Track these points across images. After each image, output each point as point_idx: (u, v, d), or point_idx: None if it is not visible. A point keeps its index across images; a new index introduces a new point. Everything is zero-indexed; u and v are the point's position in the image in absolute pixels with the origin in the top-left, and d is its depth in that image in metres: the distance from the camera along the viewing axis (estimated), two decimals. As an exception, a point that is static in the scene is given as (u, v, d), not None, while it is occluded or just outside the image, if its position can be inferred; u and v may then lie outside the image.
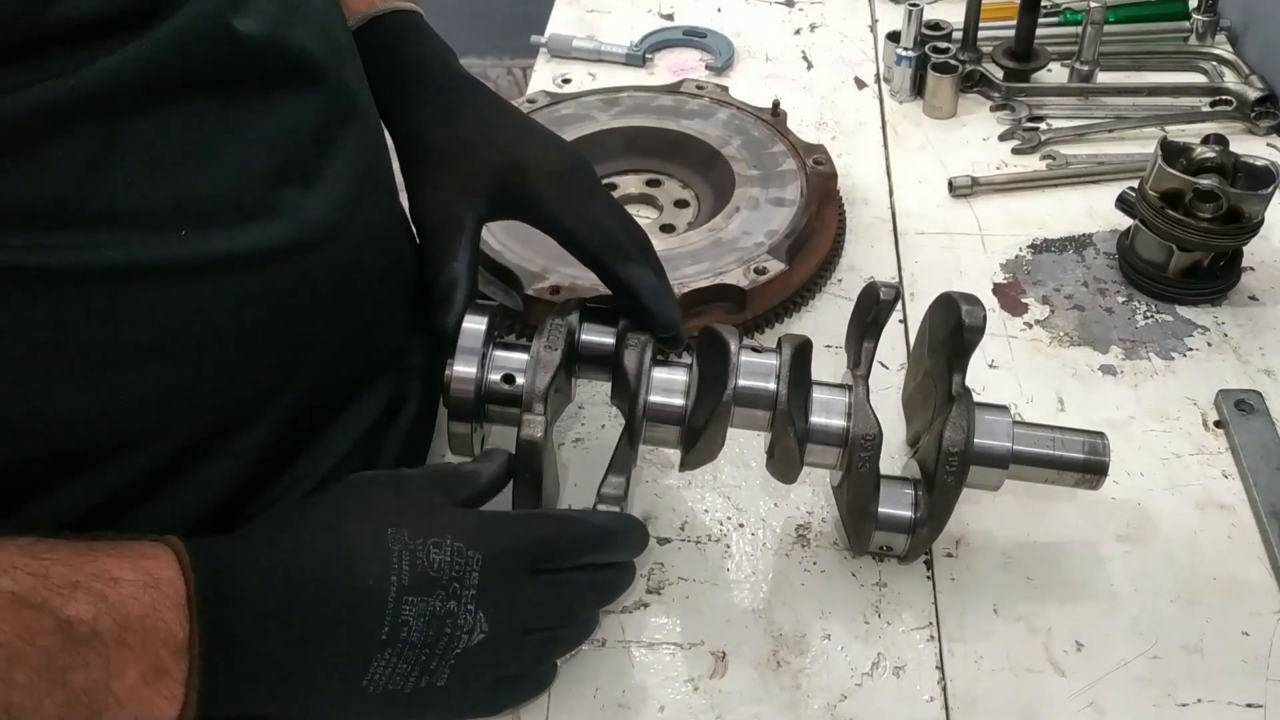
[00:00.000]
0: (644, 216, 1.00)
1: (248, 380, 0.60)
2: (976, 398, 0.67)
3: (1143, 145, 1.07)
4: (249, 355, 0.59)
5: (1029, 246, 0.97)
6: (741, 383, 0.66)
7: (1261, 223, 0.86)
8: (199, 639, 0.50)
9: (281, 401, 0.62)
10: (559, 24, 1.30)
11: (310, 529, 0.57)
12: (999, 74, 1.15)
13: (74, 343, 0.52)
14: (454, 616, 0.56)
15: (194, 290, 0.55)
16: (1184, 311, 0.90)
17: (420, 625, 0.55)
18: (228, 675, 0.52)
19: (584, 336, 0.70)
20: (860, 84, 1.19)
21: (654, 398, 0.67)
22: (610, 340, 0.69)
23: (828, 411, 0.67)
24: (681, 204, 1.01)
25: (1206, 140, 0.89)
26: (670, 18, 1.31)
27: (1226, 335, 0.87)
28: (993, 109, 1.13)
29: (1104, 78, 1.15)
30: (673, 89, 1.08)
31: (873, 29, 1.28)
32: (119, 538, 0.52)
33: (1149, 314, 0.90)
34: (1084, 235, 0.97)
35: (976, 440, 0.66)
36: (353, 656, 0.55)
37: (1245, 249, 0.91)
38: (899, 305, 0.91)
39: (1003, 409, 0.69)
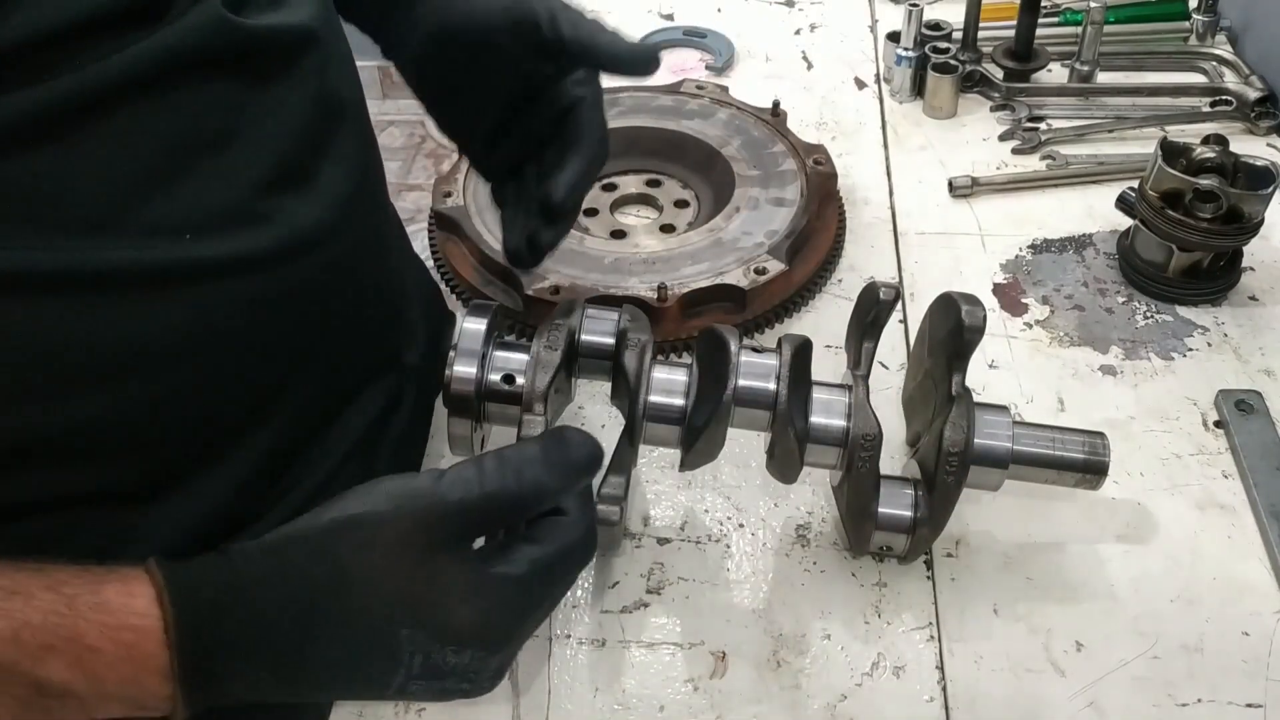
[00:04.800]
0: (644, 216, 1.01)
1: (246, 385, 0.60)
2: (976, 398, 0.67)
3: (1143, 145, 1.06)
4: (247, 360, 0.59)
5: (1029, 246, 0.97)
6: (741, 383, 0.66)
7: (1261, 223, 0.86)
8: (183, 704, 0.49)
9: (280, 405, 0.62)
10: (559, 24, 1.30)
11: (308, 616, 0.51)
12: (999, 74, 1.15)
13: (73, 349, 0.52)
14: (468, 682, 0.54)
15: (192, 296, 0.55)
16: (1184, 311, 0.89)
17: (429, 691, 0.53)
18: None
19: (584, 336, 0.70)
20: (860, 84, 1.19)
21: (654, 398, 0.67)
22: (610, 340, 0.69)
23: (828, 411, 0.67)
24: (681, 204, 1.00)
25: (1206, 140, 0.89)
26: (670, 18, 1.31)
27: (1226, 335, 0.87)
28: (993, 109, 1.13)
29: (1104, 78, 1.15)
30: (673, 89, 1.08)
31: (873, 29, 1.28)
32: (103, 576, 0.49)
33: (1149, 314, 0.90)
34: (1084, 235, 0.97)
35: (976, 440, 0.66)
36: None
37: (1245, 249, 0.91)
38: (899, 305, 0.91)
39: (1003, 409, 0.69)
